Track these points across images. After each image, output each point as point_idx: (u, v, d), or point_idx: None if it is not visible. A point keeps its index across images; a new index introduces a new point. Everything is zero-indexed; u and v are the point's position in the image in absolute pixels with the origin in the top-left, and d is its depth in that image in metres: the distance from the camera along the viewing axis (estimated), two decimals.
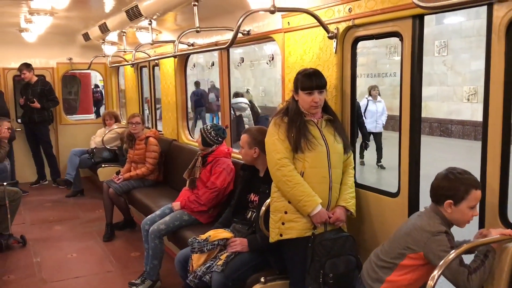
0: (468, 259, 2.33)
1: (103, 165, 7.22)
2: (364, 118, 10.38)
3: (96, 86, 20.24)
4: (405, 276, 2.48)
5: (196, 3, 4.04)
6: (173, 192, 5.60)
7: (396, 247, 2.51)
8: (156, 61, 6.89)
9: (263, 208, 3.27)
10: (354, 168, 3.25)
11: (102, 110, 11.85)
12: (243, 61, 24.89)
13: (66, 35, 8.07)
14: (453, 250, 2.13)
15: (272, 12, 3.06)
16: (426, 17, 2.83)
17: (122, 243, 5.75)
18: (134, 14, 5.19)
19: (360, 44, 3.32)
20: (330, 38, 3.29)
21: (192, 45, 5.55)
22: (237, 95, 10.78)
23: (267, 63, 23.69)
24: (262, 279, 3.20)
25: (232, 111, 9.91)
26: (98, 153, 7.58)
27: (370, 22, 3.04)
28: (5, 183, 5.44)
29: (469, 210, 2.40)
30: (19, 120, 8.49)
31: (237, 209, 3.79)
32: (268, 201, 3.23)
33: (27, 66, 8.06)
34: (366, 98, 10.85)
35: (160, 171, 6.19)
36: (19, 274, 4.85)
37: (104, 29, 6.51)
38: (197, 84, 19.24)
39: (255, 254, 3.39)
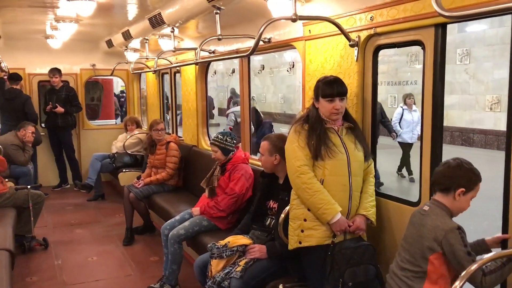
0: None
1: (124, 170, 7.32)
2: (399, 128, 9.89)
3: (122, 92, 20.45)
4: (438, 284, 2.46)
5: (218, 11, 4.10)
6: (192, 197, 5.64)
7: (417, 253, 2.50)
8: (177, 68, 6.97)
9: (282, 215, 3.28)
10: (375, 176, 3.24)
11: None
12: (263, 69, 24.94)
13: (90, 42, 8.24)
14: (477, 262, 2.11)
15: (294, 20, 3.08)
16: (448, 25, 2.82)
17: (142, 247, 5.81)
18: (157, 22, 5.27)
19: (381, 52, 3.31)
20: (352, 46, 3.29)
21: (213, 52, 5.61)
22: (236, 102, 12.20)
23: (287, 70, 23.68)
24: (281, 286, 3.20)
25: (233, 117, 10.73)
26: (119, 158, 7.68)
27: (392, 30, 3.03)
28: (28, 186, 5.57)
29: (469, 201, 2.51)
30: (43, 125, 8.66)
31: (256, 216, 3.80)
32: (287, 208, 3.24)
33: (58, 71, 8.28)
34: (401, 107, 10.26)
35: (180, 177, 6.25)
36: (41, 276, 4.94)
37: (127, 36, 6.62)
38: None
39: (274, 261, 3.39)
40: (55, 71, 8.26)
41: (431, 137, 2.88)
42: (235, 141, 4.60)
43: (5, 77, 7.95)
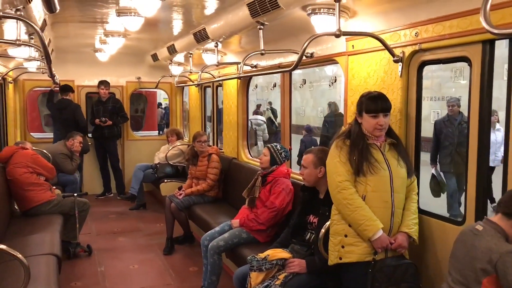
0: None
1: (165, 180, 7.47)
2: None
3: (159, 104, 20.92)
4: None
5: (262, 27, 4.17)
6: (231, 209, 5.70)
7: (469, 275, 2.41)
8: (219, 82, 7.10)
9: (323, 230, 3.28)
10: (418, 194, 3.19)
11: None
12: (305, 83, 24.96)
13: (136, 56, 8.52)
14: None
15: (338, 36, 3.10)
16: (496, 41, 2.77)
17: (181, 257, 5.90)
18: (201, 37, 5.40)
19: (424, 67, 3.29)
20: (396, 61, 3.28)
21: (255, 66, 5.68)
22: (256, 112, 14.09)
23: (329, 85, 23.57)
24: None
25: (250, 125, 11.76)
26: (161, 168, 7.86)
27: (437, 46, 3.01)
28: (75, 194, 5.77)
29: None
30: (89, 135, 8.98)
31: (296, 230, 3.80)
32: (327, 223, 3.23)
33: (107, 83, 8.66)
34: None
35: (220, 188, 6.32)
36: (85, 282, 5.09)
37: (172, 51, 6.80)
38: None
39: (313, 276, 3.38)
40: (105, 83, 8.61)
41: (477, 154, 2.83)
42: (286, 159, 4.68)
43: (56, 88, 8.34)
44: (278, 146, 4.71)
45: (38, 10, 3.99)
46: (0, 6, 2.55)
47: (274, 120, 14.07)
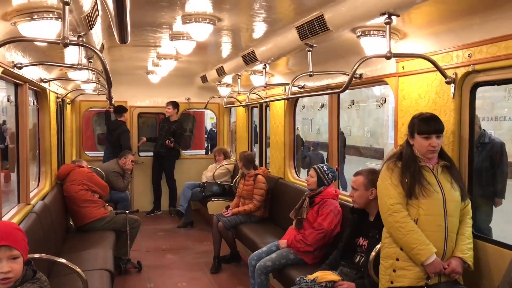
0: None
1: (212, 199, 7.58)
2: None
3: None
4: None
5: (311, 49, 4.22)
6: (278, 229, 5.70)
7: None
8: (267, 102, 7.19)
9: (373, 253, 3.23)
10: (473, 218, 3.10)
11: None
12: (353, 103, 24.73)
13: (186, 77, 8.78)
14: None
15: (388, 57, 3.10)
16: None
17: (228, 276, 5.93)
18: (250, 59, 5.51)
19: None
20: (448, 83, 3.24)
21: (303, 87, 5.73)
22: None
23: (378, 106, 23.24)
24: None
25: None
26: (208, 187, 7.99)
27: (492, 67, 2.96)
28: (127, 211, 5.95)
29: None
30: (140, 154, 9.27)
31: (345, 252, 3.76)
32: (378, 246, 3.19)
33: (173, 104, 8.95)
34: None
35: (266, 208, 6.35)
36: None
37: (221, 72, 6.96)
38: None
39: None
40: (170, 103, 8.94)
41: None
42: (334, 180, 4.67)
43: (111, 109, 8.70)
44: (324, 167, 4.70)
45: (97, 36, 4.22)
46: (66, 33, 2.72)
47: (301, 137, 15.87)
